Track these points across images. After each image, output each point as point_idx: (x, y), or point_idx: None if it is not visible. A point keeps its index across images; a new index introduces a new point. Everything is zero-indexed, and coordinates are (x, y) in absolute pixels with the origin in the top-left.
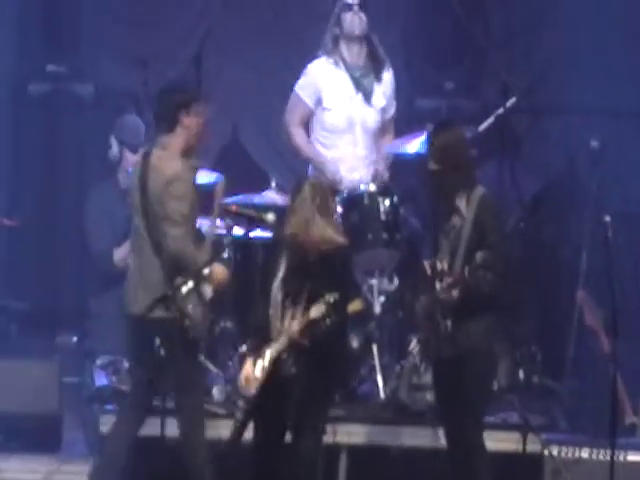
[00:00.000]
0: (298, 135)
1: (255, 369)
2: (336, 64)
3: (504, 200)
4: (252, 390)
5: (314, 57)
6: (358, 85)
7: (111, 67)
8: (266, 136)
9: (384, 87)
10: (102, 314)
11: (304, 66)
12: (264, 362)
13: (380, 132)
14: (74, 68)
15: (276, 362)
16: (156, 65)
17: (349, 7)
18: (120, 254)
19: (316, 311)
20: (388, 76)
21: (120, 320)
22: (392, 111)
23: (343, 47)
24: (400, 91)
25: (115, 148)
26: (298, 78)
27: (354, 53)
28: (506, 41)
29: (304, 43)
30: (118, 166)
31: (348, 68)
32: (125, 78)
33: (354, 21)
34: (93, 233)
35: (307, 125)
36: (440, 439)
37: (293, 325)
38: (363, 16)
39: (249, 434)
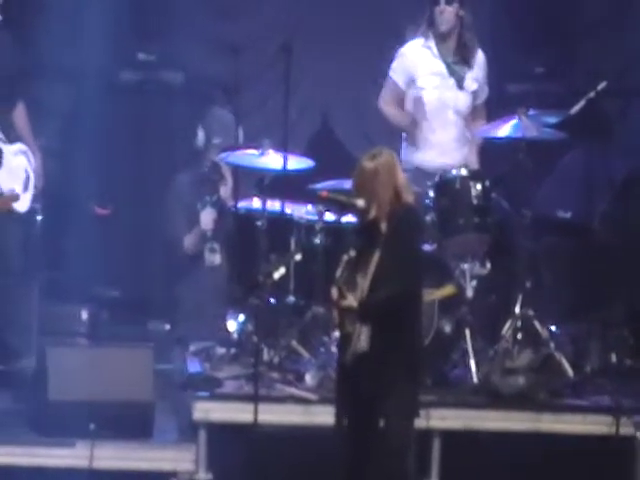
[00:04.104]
0: (390, 109)
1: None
2: (429, 48)
3: (594, 183)
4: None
5: (409, 39)
6: (451, 70)
7: (201, 55)
8: (356, 122)
9: (476, 72)
10: (188, 300)
11: (396, 51)
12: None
13: (472, 116)
14: (164, 56)
15: (347, 338)
16: (246, 53)
17: (437, 2)
18: (190, 240)
19: (337, 272)
20: (479, 60)
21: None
22: (484, 95)
23: (436, 34)
24: (489, 76)
25: (201, 138)
26: (390, 63)
27: (445, 41)
28: (597, 24)
29: (397, 28)
30: (202, 156)
31: (441, 54)
32: (215, 66)
33: (441, 17)
34: (170, 221)
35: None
36: (533, 422)
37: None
38: (451, 10)
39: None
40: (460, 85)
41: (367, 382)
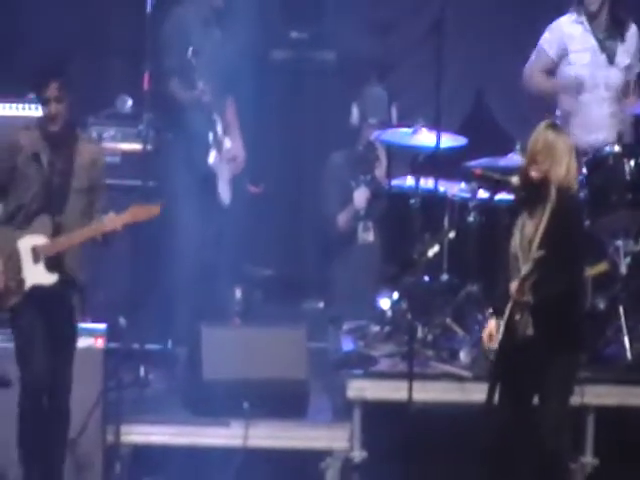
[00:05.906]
0: (538, 77)
1: (497, 328)
2: (581, 23)
3: None
4: (493, 346)
5: (562, 14)
6: (602, 46)
7: (353, 34)
8: (511, 99)
9: (627, 46)
10: (341, 279)
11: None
12: (502, 323)
13: (624, 92)
14: (316, 35)
15: (513, 324)
16: (397, 31)
17: None
18: (343, 218)
19: (525, 269)
20: (632, 34)
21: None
22: (636, 70)
23: (586, 11)
24: None
25: (355, 117)
26: None
27: (596, 17)
28: None
29: (551, 4)
30: (357, 135)
31: (593, 29)
32: (367, 45)
33: None
34: (324, 199)
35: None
36: None
37: (513, 286)
38: None
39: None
40: (611, 61)
41: (531, 364)
